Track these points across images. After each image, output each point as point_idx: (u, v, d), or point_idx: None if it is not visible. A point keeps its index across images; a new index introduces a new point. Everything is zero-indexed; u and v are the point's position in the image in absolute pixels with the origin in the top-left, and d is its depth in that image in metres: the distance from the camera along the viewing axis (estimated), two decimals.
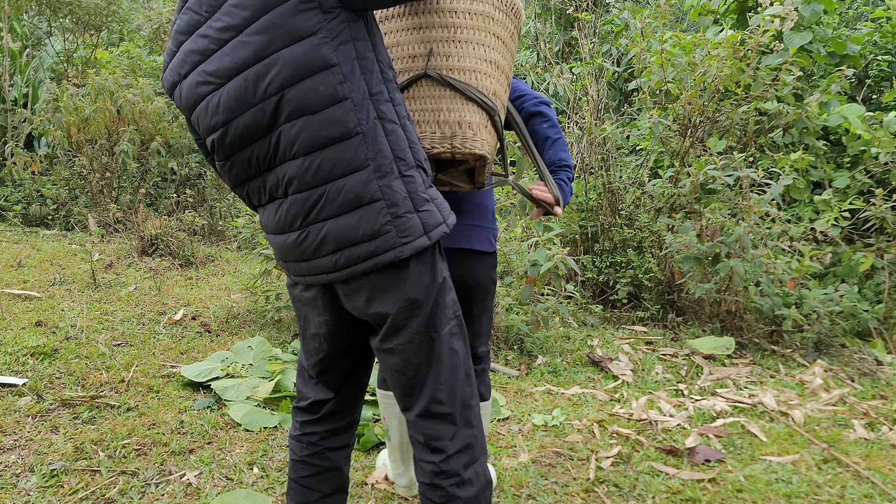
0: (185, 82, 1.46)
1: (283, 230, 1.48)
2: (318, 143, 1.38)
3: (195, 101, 1.45)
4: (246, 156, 1.45)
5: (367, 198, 1.39)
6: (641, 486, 2.36)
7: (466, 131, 1.64)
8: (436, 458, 1.48)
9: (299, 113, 1.37)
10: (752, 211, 3.74)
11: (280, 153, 1.41)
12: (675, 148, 4.51)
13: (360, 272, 1.41)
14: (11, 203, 6.76)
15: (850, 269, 4.08)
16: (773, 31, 4.42)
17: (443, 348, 1.47)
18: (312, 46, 1.33)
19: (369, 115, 1.39)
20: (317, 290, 1.53)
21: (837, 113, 4.64)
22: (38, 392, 2.86)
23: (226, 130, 1.43)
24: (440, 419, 1.48)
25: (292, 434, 1.69)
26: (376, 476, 2.36)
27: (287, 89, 1.36)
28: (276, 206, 1.47)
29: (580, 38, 5.42)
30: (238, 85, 1.38)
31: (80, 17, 7.93)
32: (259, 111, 1.38)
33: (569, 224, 4.62)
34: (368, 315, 1.46)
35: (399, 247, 1.39)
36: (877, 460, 2.54)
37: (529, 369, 3.43)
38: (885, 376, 3.34)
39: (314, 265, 1.46)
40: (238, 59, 1.36)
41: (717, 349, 3.59)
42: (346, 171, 1.38)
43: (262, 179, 1.47)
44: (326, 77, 1.35)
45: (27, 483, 2.24)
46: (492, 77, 1.69)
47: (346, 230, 1.39)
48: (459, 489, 1.47)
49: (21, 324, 3.67)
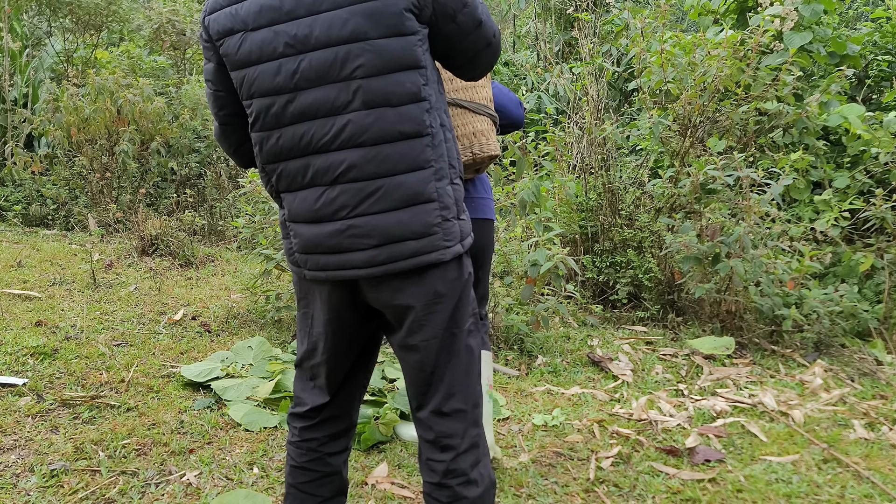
0: (253, 34, 1.39)
1: (321, 219, 1.43)
2: (390, 136, 1.39)
3: (260, 59, 1.40)
4: (300, 131, 1.41)
5: (423, 197, 1.41)
6: (641, 486, 2.36)
7: (481, 139, 1.98)
8: (446, 457, 1.48)
9: (379, 103, 1.37)
10: (752, 211, 3.74)
11: (343, 138, 1.38)
12: (675, 148, 4.51)
13: (398, 270, 1.41)
14: (11, 203, 6.76)
15: (850, 269, 4.08)
16: (773, 31, 4.42)
17: (461, 344, 1.48)
18: (410, 45, 1.37)
19: (437, 120, 1.44)
20: (332, 286, 1.50)
21: (837, 113, 4.64)
22: (38, 392, 2.86)
23: (291, 99, 1.39)
24: (453, 416, 1.49)
25: (291, 440, 1.66)
26: (376, 476, 2.36)
27: (374, 77, 1.37)
28: (317, 193, 1.43)
29: (580, 38, 5.42)
30: (323, 58, 1.36)
31: (80, 17, 7.93)
32: (336, 90, 1.37)
33: (569, 224, 4.62)
34: (392, 307, 1.45)
35: (442, 249, 1.43)
36: (877, 460, 2.54)
37: (529, 369, 3.43)
38: (885, 376, 3.34)
39: (346, 259, 1.43)
40: (332, 34, 1.35)
41: (717, 349, 3.59)
42: (409, 168, 1.41)
43: (307, 161, 1.42)
44: (413, 76, 1.39)
45: (27, 483, 2.24)
46: (485, 87, 2.00)
47: (395, 226, 1.40)
48: (466, 489, 1.48)
49: (21, 324, 3.67)
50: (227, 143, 1.55)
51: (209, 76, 1.50)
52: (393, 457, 2.52)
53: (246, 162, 1.62)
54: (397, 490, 2.28)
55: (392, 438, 2.64)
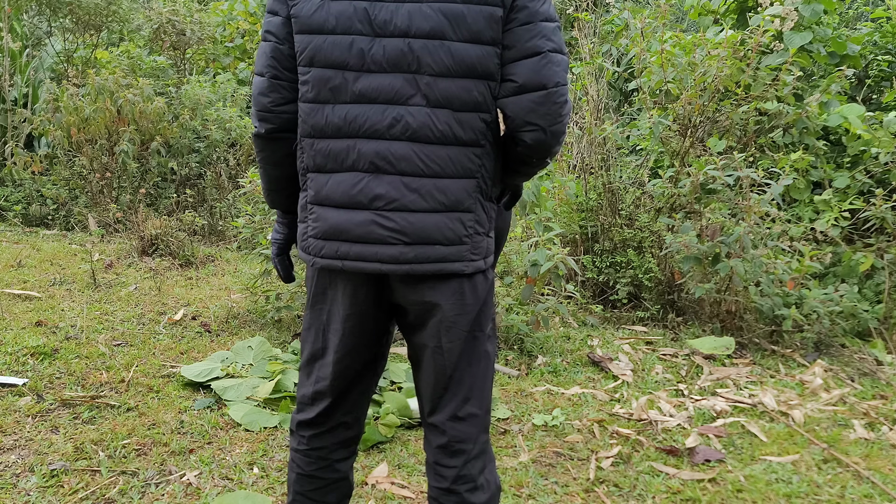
0: (333, 3, 1.36)
1: (356, 205, 1.40)
2: (446, 139, 1.38)
3: (334, 29, 1.36)
4: (355, 112, 1.38)
5: (463, 206, 1.41)
6: (641, 486, 2.36)
7: None
8: (458, 462, 1.48)
9: (442, 104, 1.36)
10: (752, 211, 3.74)
11: (398, 129, 1.36)
12: (675, 148, 4.51)
13: (422, 272, 1.40)
14: (11, 203, 6.76)
15: (850, 269, 4.08)
16: (773, 31, 4.42)
17: (482, 349, 1.48)
18: (487, 54, 1.36)
19: (492, 135, 1.44)
20: (360, 280, 1.46)
21: (837, 113, 4.64)
22: (38, 392, 2.86)
23: (356, 78, 1.36)
24: (468, 421, 1.49)
25: (297, 448, 1.61)
26: (376, 476, 2.36)
27: (443, 78, 1.35)
28: (356, 178, 1.39)
29: (580, 38, 5.42)
30: (398, 47, 1.35)
31: (80, 17, 7.93)
32: (403, 80, 1.36)
33: (569, 224, 4.62)
34: (422, 304, 1.44)
35: (466, 261, 1.43)
36: (877, 460, 2.54)
37: (529, 369, 3.43)
38: (885, 376, 3.34)
39: (372, 251, 1.40)
40: (413, 25, 1.34)
41: (717, 349, 3.59)
42: (457, 174, 1.40)
43: (353, 144, 1.39)
44: (482, 86, 1.37)
45: (27, 483, 2.24)
46: None
47: (430, 228, 1.39)
48: (473, 495, 1.48)
49: (21, 324, 3.67)
50: (270, 98, 1.45)
51: (273, 28, 1.42)
52: (393, 457, 2.52)
53: (278, 122, 1.47)
54: (397, 490, 2.28)
55: (392, 438, 2.64)
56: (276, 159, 1.52)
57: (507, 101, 1.39)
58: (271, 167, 1.54)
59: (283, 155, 1.51)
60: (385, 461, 2.47)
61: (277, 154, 1.51)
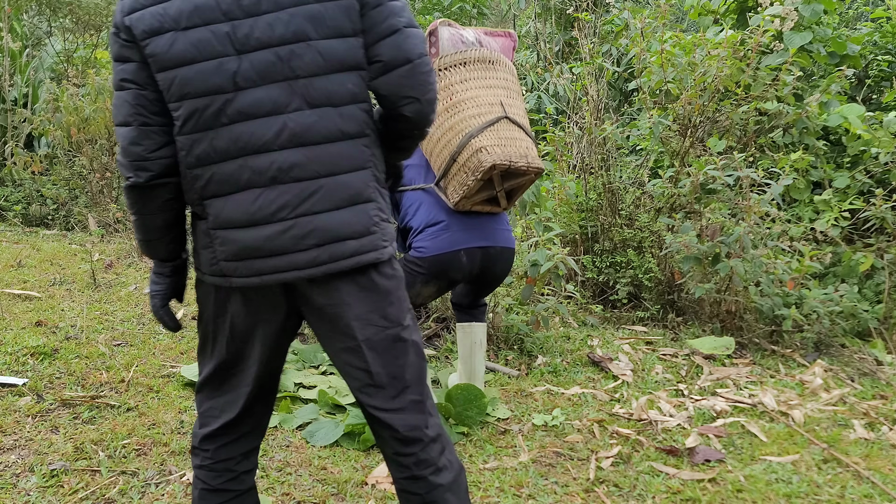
0: (187, 34, 1.35)
1: (260, 221, 1.39)
2: (333, 136, 1.40)
3: (196, 58, 1.35)
4: (238, 132, 1.37)
5: (364, 196, 1.43)
6: (641, 486, 2.36)
7: (533, 153, 2.48)
8: (415, 449, 1.50)
9: (322, 103, 1.38)
10: (752, 211, 3.74)
11: (286, 137, 1.37)
12: (675, 148, 4.51)
13: (339, 269, 1.41)
14: (11, 203, 6.76)
15: (850, 269, 4.08)
16: (773, 31, 4.42)
17: (406, 338, 1.50)
18: (353, 46, 1.39)
19: (373, 123, 1.47)
20: (263, 292, 1.46)
21: (837, 113, 4.64)
22: (38, 392, 2.86)
23: (231, 99, 1.36)
24: (414, 409, 1.51)
25: (202, 465, 1.59)
26: (376, 476, 2.36)
27: (317, 77, 1.37)
28: (254, 195, 1.39)
29: (580, 38, 5.42)
30: (265, 58, 1.35)
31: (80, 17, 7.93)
32: (279, 89, 1.36)
33: (569, 224, 4.62)
34: (332, 307, 1.44)
35: (381, 248, 1.45)
36: (877, 460, 2.54)
37: (529, 369, 3.43)
38: (885, 376, 3.34)
39: (288, 261, 1.40)
40: (274, 34, 1.35)
41: (717, 349, 3.59)
42: (351, 167, 1.42)
43: (243, 163, 1.38)
44: (355, 77, 1.41)
45: (27, 483, 2.24)
46: (527, 120, 2.58)
47: (337, 225, 1.40)
48: (438, 476, 1.51)
49: (21, 324, 3.67)
50: (142, 146, 1.41)
51: (130, 76, 1.39)
52: None
53: (157, 168, 1.43)
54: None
55: None
56: (155, 207, 1.48)
57: (378, 81, 1.43)
58: (150, 216, 1.49)
59: (164, 201, 1.47)
60: (385, 461, 2.47)
61: (157, 201, 1.47)
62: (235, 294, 1.48)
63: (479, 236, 2.62)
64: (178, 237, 1.57)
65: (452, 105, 2.46)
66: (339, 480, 2.32)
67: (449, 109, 2.47)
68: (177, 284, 1.64)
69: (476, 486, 2.34)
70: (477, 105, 2.44)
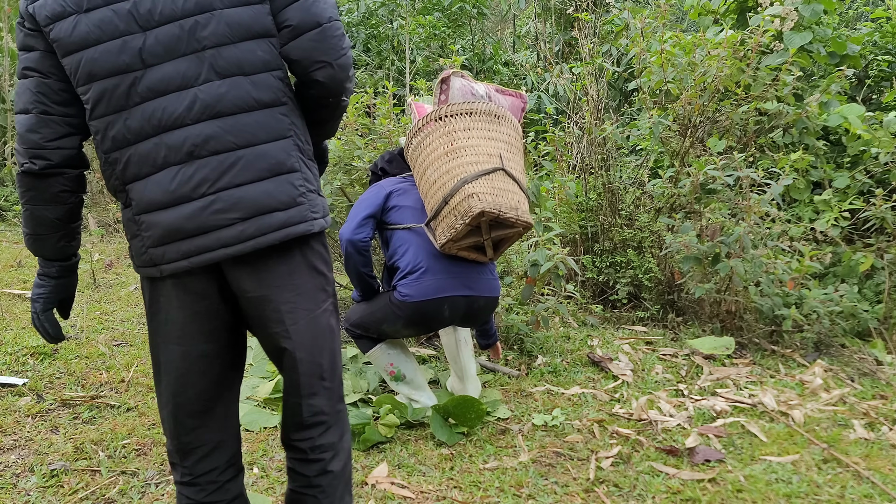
0: (89, 15, 1.32)
1: (181, 199, 1.36)
2: (247, 105, 1.37)
3: (100, 39, 1.33)
4: (151, 109, 1.34)
5: (287, 166, 1.40)
6: (641, 486, 2.36)
7: (524, 207, 2.53)
8: (314, 434, 1.50)
9: (232, 72, 1.35)
10: (752, 211, 3.74)
11: (198, 110, 1.34)
12: (675, 148, 4.51)
13: (269, 243, 1.37)
14: (11, 203, 6.76)
15: (850, 269, 4.08)
16: (773, 31, 4.42)
17: (326, 322, 1.50)
18: (259, 13, 1.36)
19: (291, 91, 1.43)
20: (194, 278, 1.41)
21: (837, 113, 4.63)
22: (38, 392, 2.86)
23: (139, 76, 1.33)
24: (324, 394, 1.50)
25: (182, 481, 1.53)
26: (376, 476, 2.36)
27: (225, 46, 1.34)
28: (172, 173, 1.35)
29: (580, 38, 5.42)
30: (170, 32, 1.33)
31: None
32: (187, 62, 1.34)
33: (569, 224, 4.62)
34: (252, 290, 1.41)
35: (310, 220, 1.42)
36: (877, 460, 2.54)
37: (529, 369, 3.43)
38: (885, 376, 3.34)
39: (213, 238, 1.36)
40: (177, 7, 1.33)
41: (717, 349, 3.59)
42: (270, 137, 1.39)
43: (159, 140, 1.35)
44: (264, 44, 1.38)
45: (27, 483, 2.24)
46: (525, 178, 2.65)
47: (262, 196, 1.37)
48: (333, 462, 1.52)
49: (21, 324, 3.67)
50: (40, 134, 1.38)
51: (33, 64, 1.37)
52: (393, 457, 2.52)
53: (54, 158, 1.40)
54: (397, 490, 2.28)
55: (392, 438, 2.64)
56: (46, 198, 1.43)
57: (288, 46, 1.39)
58: (42, 207, 1.44)
59: (58, 192, 1.43)
60: (385, 461, 2.47)
61: (50, 191, 1.43)
62: (166, 287, 1.43)
63: (463, 284, 2.65)
64: (69, 236, 1.51)
65: (452, 150, 2.50)
66: None
67: (448, 154, 2.50)
68: (63, 288, 1.55)
69: (476, 486, 2.34)
70: (476, 153, 2.48)
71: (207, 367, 1.49)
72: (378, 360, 2.84)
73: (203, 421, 1.51)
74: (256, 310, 1.44)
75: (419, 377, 2.87)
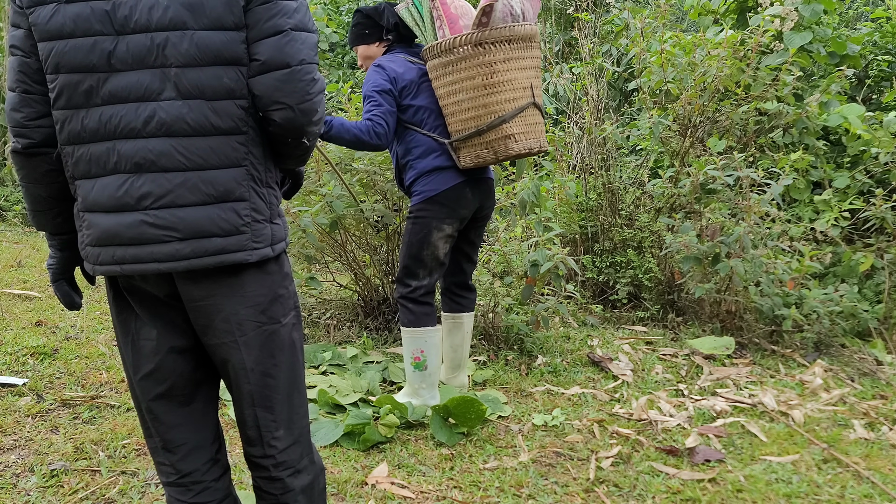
0: (68, 7, 1.32)
1: (123, 207, 1.36)
2: (204, 129, 1.36)
3: (73, 33, 1.32)
4: (108, 114, 1.34)
5: (235, 195, 1.39)
6: (641, 486, 2.36)
7: (545, 136, 2.76)
8: (273, 451, 1.49)
9: (194, 95, 1.35)
10: (752, 211, 3.74)
11: (154, 126, 1.34)
12: (675, 148, 4.51)
13: (202, 266, 1.37)
14: (11, 203, 6.76)
15: (850, 269, 4.08)
16: (773, 31, 4.42)
17: (283, 338, 1.48)
18: (232, 40, 1.35)
19: (254, 120, 1.42)
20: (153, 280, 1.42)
21: (837, 113, 4.63)
22: (38, 392, 2.86)
23: (104, 79, 1.33)
24: (278, 410, 1.49)
25: (167, 482, 1.53)
26: (376, 476, 2.36)
27: (190, 68, 1.34)
28: (120, 180, 1.36)
29: (580, 38, 5.42)
30: (141, 42, 1.32)
31: None
32: (151, 75, 1.33)
33: (569, 224, 4.62)
34: (207, 301, 1.41)
35: (249, 250, 1.41)
36: (877, 460, 2.54)
37: (529, 369, 3.43)
38: (885, 376, 3.34)
39: (149, 251, 1.36)
40: (152, 19, 1.32)
41: (717, 349, 3.59)
42: (222, 164, 1.38)
43: (112, 146, 1.35)
44: (232, 72, 1.36)
45: (27, 483, 2.24)
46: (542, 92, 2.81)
47: (203, 220, 1.37)
48: (296, 479, 1.51)
49: (21, 324, 3.67)
50: (22, 113, 1.40)
51: (17, 42, 1.38)
52: (393, 457, 2.52)
53: (36, 137, 1.42)
54: (397, 490, 2.28)
55: (392, 438, 2.64)
56: (36, 176, 1.46)
57: (253, 80, 1.38)
58: (33, 185, 1.48)
59: (45, 171, 1.45)
60: (385, 461, 2.47)
61: (38, 170, 1.45)
62: (129, 286, 1.45)
63: (473, 175, 2.85)
64: (65, 213, 1.52)
65: (491, 84, 2.62)
66: (338, 480, 2.32)
67: (487, 87, 2.62)
68: (70, 260, 1.59)
69: (476, 486, 2.34)
70: (513, 88, 2.63)
71: (179, 363, 1.49)
72: (415, 341, 2.84)
73: (177, 413, 1.51)
74: (205, 318, 1.44)
75: (436, 376, 2.90)
